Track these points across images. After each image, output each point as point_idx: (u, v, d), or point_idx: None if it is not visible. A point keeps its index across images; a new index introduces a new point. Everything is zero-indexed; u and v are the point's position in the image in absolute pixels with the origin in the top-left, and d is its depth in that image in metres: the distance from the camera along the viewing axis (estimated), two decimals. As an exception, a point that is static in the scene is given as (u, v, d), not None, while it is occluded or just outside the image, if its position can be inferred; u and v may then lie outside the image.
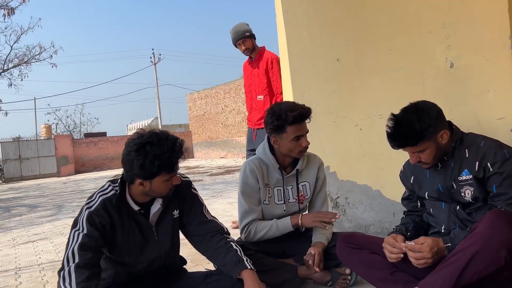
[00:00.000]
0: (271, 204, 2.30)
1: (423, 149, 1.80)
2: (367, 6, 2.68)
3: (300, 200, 2.33)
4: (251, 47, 4.00)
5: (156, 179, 1.80)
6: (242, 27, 3.98)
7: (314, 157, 2.38)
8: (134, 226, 1.91)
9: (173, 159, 1.78)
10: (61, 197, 10.34)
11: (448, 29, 2.23)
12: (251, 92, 4.13)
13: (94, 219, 1.81)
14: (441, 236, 1.83)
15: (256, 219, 2.26)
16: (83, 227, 1.80)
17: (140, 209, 1.91)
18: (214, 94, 24.39)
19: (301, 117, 2.13)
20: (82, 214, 1.84)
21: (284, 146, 2.18)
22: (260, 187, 2.27)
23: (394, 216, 2.60)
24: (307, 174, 2.33)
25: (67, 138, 23.98)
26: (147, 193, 1.86)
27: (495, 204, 1.72)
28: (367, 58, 2.72)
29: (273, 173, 2.28)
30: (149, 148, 1.74)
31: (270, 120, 2.15)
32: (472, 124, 2.10)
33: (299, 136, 2.15)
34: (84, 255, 1.74)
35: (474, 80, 2.14)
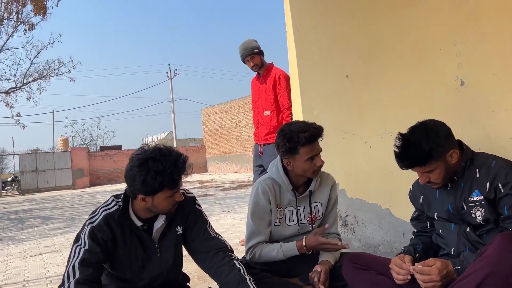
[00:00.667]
0: (282, 225, 2.25)
1: (432, 169, 1.75)
2: (377, 23, 2.67)
3: (312, 221, 2.28)
4: (259, 64, 4.03)
5: (158, 195, 1.79)
6: (251, 44, 4.01)
7: (327, 176, 2.33)
8: (137, 242, 1.89)
9: (175, 175, 1.76)
10: (75, 209, 10.43)
11: (458, 47, 2.20)
12: (258, 108, 4.14)
13: (96, 234, 1.80)
14: (450, 258, 1.78)
15: (262, 242, 2.21)
16: (85, 242, 1.79)
17: (143, 224, 1.89)
18: (229, 109, 24.54)
19: (313, 138, 2.08)
20: (84, 229, 1.83)
21: (298, 167, 2.12)
22: (272, 208, 2.22)
23: (404, 236, 2.54)
24: (320, 195, 2.28)
25: (83, 150, 24.32)
26: (150, 209, 1.85)
27: (506, 226, 1.66)
28: (377, 74, 2.69)
29: (286, 194, 2.23)
30: (152, 164, 1.73)
31: (281, 143, 2.09)
32: (483, 143, 2.05)
33: (313, 156, 2.09)
34: (85, 271, 1.73)
35: (485, 98, 2.10)
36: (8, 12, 14.87)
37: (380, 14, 2.64)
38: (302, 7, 3.35)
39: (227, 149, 24.86)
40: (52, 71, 20.55)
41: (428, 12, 2.34)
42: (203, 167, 26.89)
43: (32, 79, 19.94)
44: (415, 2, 2.41)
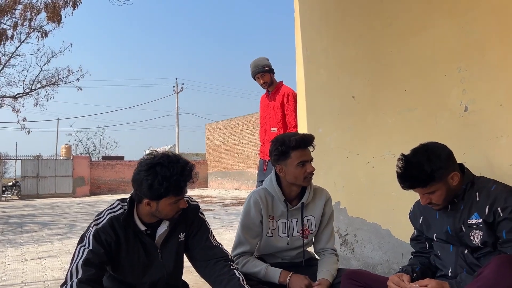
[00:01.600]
0: (274, 236, 2.27)
1: (433, 190, 1.79)
2: (385, 47, 2.74)
3: (304, 234, 2.29)
4: (269, 81, 4.12)
5: (163, 201, 1.82)
6: (262, 62, 4.11)
7: (321, 190, 2.35)
8: (139, 246, 1.92)
9: (181, 182, 1.80)
10: (74, 217, 10.43)
11: (463, 73, 2.26)
12: (266, 124, 4.21)
13: (101, 236, 1.83)
14: (447, 279, 1.80)
15: (247, 252, 2.24)
16: (89, 243, 1.82)
17: (147, 229, 1.92)
18: (233, 126, 24.64)
19: (304, 142, 2.15)
20: (89, 230, 1.86)
21: (290, 173, 2.16)
22: (264, 219, 2.24)
23: (403, 257, 2.56)
24: (313, 208, 2.30)
25: (85, 159, 24.38)
26: (154, 214, 1.88)
27: (504, 250, 1.69)
28: (383, 97, 2.75)
29: (278, 205, 2.25)
30: (159, 169, 1.77)
31: (274, 148, 2.17)
32: (484, 168, 2.08)
33: (303, 161, 2.14)
34: (87, 271, 1.75)
35: (487, 124, 2.14)
36: (23, 19, 15.11)
37: (389, 40, 2.71)
38: (313, 29, 3.44)
39: (228, 165, 24.87)
40: (60, 79, 20.75)
41: (435, 40, 2.41)
42: (204, 182, 26.86)
43: (41, 86, 20.12)
44: (423, 30, 2.48)
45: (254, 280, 2.14)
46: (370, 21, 2.86)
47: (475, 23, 2.20)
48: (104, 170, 24.41)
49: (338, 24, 3.16)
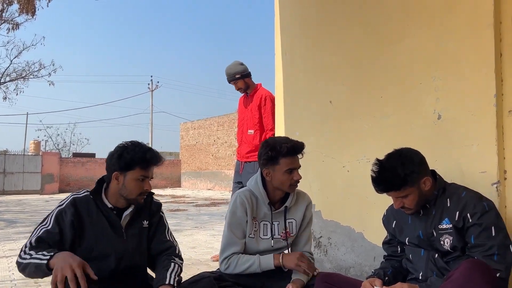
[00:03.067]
0: (256, 238, 2.28)
1: (406, 194, 1.85)
2: (363, 55, 2.80)
3: (286, 237, 2.31)
4: (243, 87, 4.15)
5: (129, 173, 1.98)
6: (234, 69, 4.12)
7: (303, 195, 2.39)
8: (105, 222, 2.02)
9: (147, 155, 1.99)
10: (42, 214, 10.14)
11: (437, 82, 2.33)
12: (243, 126, 4.23)
13: (62, 215, 1.95)
14: (418, 282, 1.85)
15: (238, 252, 2.24)
16: (49, 223, 1.93)
17: (113, 208, 2.04)
18: (208, 126, 24.53)
19: (295, 150, 2.17)
20: (52, 212, 1.97)
21: (277, 178, 2.18)
22: (248, 220, 2.26)
23: (375, 260, 2.61)
24: (295, 212, 2.33)
25: (54, 156, 23.74)
26: (121, 191, 2.01)
27: (472, 255, 1.75)
28: (359, 103, 2.80)
29: (262, 207, 2.27)
30: (129, 145, 2.02)
31: (264, 151, 2.18)
32: (455, 175, 2.16)
33: (292, 169, 2.16)
34: (35, 247, 1.84)
35: (460, 133, 2.22)
36: (-7, 9, 14.65)
37: (367, 47, 2.77)
38: (292, 33, 3.47)
39: (203, 166, 24.74)
40: (31, 73, 20.22)
41: (412, 49, 2.48)
42: (177, 182, 26.62)
43: (10, 79, 19.55)
44: (401, 39, 2.55)
45: (230, 281, 2.15)
46: (349, 28, 2.92)
47: (450, 34, 2.28)
48: (74, 167, 23.84)
49: (318, 30, 3.20)
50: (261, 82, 4.23)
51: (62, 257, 1.73)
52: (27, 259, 1.79)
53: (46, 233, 1.89)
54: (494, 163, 2.07)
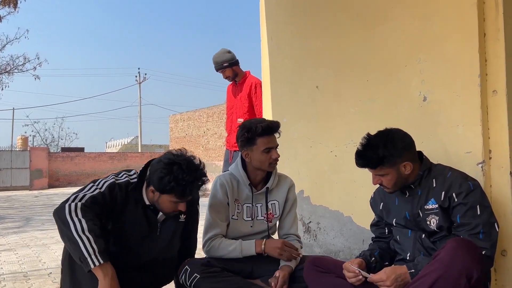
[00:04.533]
0: (239, 219, 2.31)
1: (383, 173, 1.88)
2: (349, 38, 2.78)
3: (268, 218, 2.34)
4: (231, 75, 4.09)
5: (165, 196, 1.94)
6: (221, 58, 4.05)
7: (285, 178, 2.42)
8: (143, 217, 2.02)
9: (187, 190, 1.91)
10: (31, 210, 10.07)
11: (422, 64, 2.33)
12: (232, 115, 4.19)
13: (115, 188, 1.94)
14: (406, 263, 1.87)
15: (219, 234, 2.27)
16: (102, 187, 1.93)
17: (150, 205, 2.04)
18: (197, 117, 24.42)
19: (270, 129, 2.21)
20: (107, 177, 1.98)
21: (255, 159, 2.22)
22: (229, 202, 2.29)
23: (364, 243, 2.63)
24: (277, 193, 2.37)
25: (43, 151, 23.47)
26: (154, 203, 2.00)
27: (458, 234, 1.77)
28: (346, 87, 2.80)
29: (243, 189, 2.31)
30: (176, 169, 1.88)
31: (240, 134, 2.23)
32: (441, 156, 2.17)
33: (269, 148, 2.20)
34: (92, 206, 1.86)
35: (445, 114, 2.22)
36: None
37: (353, 31, 2.75)
38: (278, 19, 3.44)
39: (193, 158, 24.67)
40: (16, 67, 19.86)
41: (397, 31, 2.47)
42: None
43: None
44: (385, 22, 2.53)
45: (218, 267, 2.15)
46: (335, 12, 2.90)
47: (435, 16, 2.27)
48: (63, 162, 23.61)
49: (303, 15, 3.18)
50: (249, 70, 4.19)
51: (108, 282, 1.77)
52: (75, 224, 1.78)
53: (100, 196, 1.89)
54: (479, 143, 2.09)
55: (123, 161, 25.34)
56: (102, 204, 1.90)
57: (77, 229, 1.77)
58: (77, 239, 1.76)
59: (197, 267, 2.09)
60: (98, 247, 1.78)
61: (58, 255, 4.32)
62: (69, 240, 1.79)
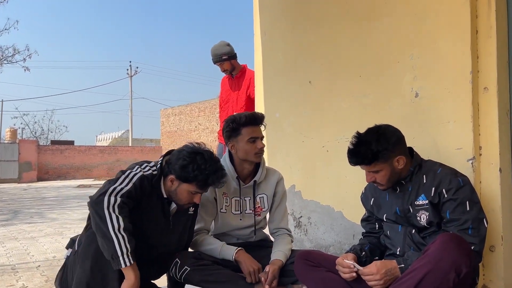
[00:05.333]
0: (227, 213, 2.32)
1: (377, 170, 1.88)
2: (342, 34, 2.78)
3: (256, 212, 2.35)
4: (230, 69, 4.04)
5: (185, 185, 1.98)
6: (221, 50, 4.00)
7: (274, 171, 2.43)
8: (160, 210, 2.05)
9: (209, 179, 1.96)
10: (19, 203, 9.97)
11: (415, 61, 2.34)
12: (228, 108, 4.14)
13: (144, 182, 1.95)
14: (396, 258, 1.88)
15: (203, 229, 2.30)
16: (133, 179, 1.93)
17: (166, 198, 2.07)
18: (189, 112, 24.34)
19: (254, 119, 2.24)
20: (134, 170, 1.98)
21: (241, 149, 2.24)
22: (217, 196, 2.30)
23: (354, 238, 2.64)
24: (265, 187, 2.37)
25: (32, 143, 23.27)
26: (171, 193, 2.03)
27: (448, 229, 1.78)
28: (339, 82, 2.80)
29: (231, 182, 2.31)
30: (199, 158, 1.95)
31: (226, 125, 2.26)
32: (432, 152, 2.18)
33: (254, 138, 2.22)
34: (127, 201, 1.87)
35: (436, 110, 2.24)
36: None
37: (346, 26, 2.75)
38: (271, 13, 3.43)
39: (184, 152, 24.60)
40: (5, 58, 19.60)
41: (390, 27, 2.47)
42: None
43: (-17, 65, 18.93)
44: (378, 18, 2.53)
45: (209, 260, 2.15)
46: (328, 7, 2.89)
47: (428, 12, 2.28)
48: (52, 155, 23.43)
49: (297, 9, 3.17)
50: (246, 64, 4.15)
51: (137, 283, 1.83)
52: (113, 221, 1.79)
53: (133, 189, 1.90)
54: (469, 139, 2.10)
55: (113, 155, 25.19)
56: (134, 198, 1.91)
57: (114, 226, 1.79)
58: (112, 237, 1.78)
59: (187, 260, 2.09)
60: (130, 247, 1.80)
61: (46, 248, 4.29)
62: (103, 236, 1.79)
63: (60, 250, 4.09)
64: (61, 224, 6.11)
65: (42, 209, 8.18)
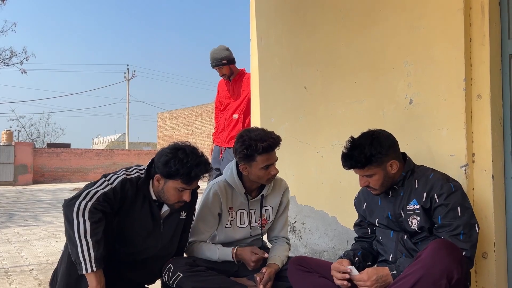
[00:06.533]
0: (233, 227, 2.29)
1: (371, 174, 1.89)
2: (337, 40, 2.80)
3: (262, 224, 2.34)
4: (228, 73, 4.02)
5: (170, 182, 1.95)
6: (220, 54, 3.99)
7: (280, 181, 2.40)
8: (148, 212, 2.03)
9: (192, 172, 1.92)
10: (14, 205, 9.91)
11: (409, 67, 2.35)
12: (227, 111, 4.11)
13: (126, 184, 1.94)
14: (388, 264, 1.89)
15: (197, 241, 2.28)
16: (114, 182, 1.92)
17: (156, 200, 2.05)
18: (186, 116, 24.33)
19: (271, 147, 2.13)
20: (118, 172, 1.99)
21: (253, 174, 2.16)
22: (223, 211, 2.27)
23: (348, 243, 2.64)
24: (272, 199, 2.35)
25: (28, 146, 23.14)
26: (159, 193, 2.01)
27: (439, 235, 1.79)
28: (333, 88, 2.81)
29: (238, 197, 2.28)
30: (180, 153, 1.93)
31: (240, 149, 2.12)
32: (426, 159, 2.19)
33: (268, 165, 2.15)
34: (102, 204, 1.85)
35: (430, 117, 2.25)
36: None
37: (341, 32, 2.77)
38: (268, 18, 3.44)
39: (180, 156, 24.56)
40: (2, 61, 19.52)
41: (385, 34, 2.49)
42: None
43: (-20, 67, 18.86)
44: (373, 24, 2.55)
45: (203, 266, 2.14)
46: (323, 13, 2.91)
47: (422, 19, 2.29)
48: (48, 157, 23.31)
49: (293, 15, 3.19)
50: (245, 67, 4.13)
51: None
52: (79, 225, 1.78)
53: (111, 192, 1.89)
54: (463, 146, 2.11)
55: (109, 158, 25.11)
56: (113, 201, 1.90)
57: (80, 231, 1.78)
58: (77, 241, 1.78)
59: (180, 266, 2.08)
60: (95, 254, 1.79)
61: (40, 251, 4.27)
62: (69, 239, 1.81)
63: (54, 254, 4.07)
64: (55, 227, 6.08)
65: (37, 212, 8.14)
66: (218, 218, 2.28)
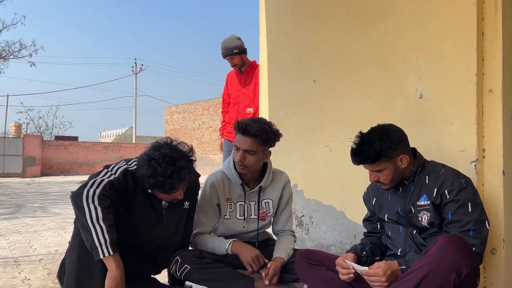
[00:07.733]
0: (232, 219, 2.30)
1: (381, 169, 1.87)
2: (347, 34, 2.78)
3: (261, 217, 2.32)
4: (239, 64, 3.96)
5: (154, 191, 1.96)
6: (232, 43, 3.93)
7: (280, 174, 2.38)
8: (149, 205, 2.03)
9: (166, 185, 1.87)
10: (23, 197, 10.01)
11: (420, 62, 2.33)
12: (239, 104, 4.06)
13: (128, 175, 1.94)
14: (397, 258, 1.88)
15: (201, 233, 2.29)
16: (116, 172, 1.93)
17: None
18: (193, 110, 24.36)
19: (239, 128, 2.12)
20: (119, 164, 2.00)
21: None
22: (221, 202, 2.28)
23: (355, 238, 2.64)
24: (271, 192, 2.34)
25: (36, 138, 23.32)
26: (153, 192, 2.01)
27: (449, 231, 1.78)
28: (343, 82, 2.80)
29: (235, 188, 2.28)
30: (153, 163, 1.86)
31: None
32: (436, 154, 2.17)
33: (236, 147, 2.16)
34: (109, 192, 1.86)
35: (441, 112, 2.23)
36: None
37: (351, 26, 2.75)
38: (277, 12, 3.43)
39: (187, 150, 24.61)
40: (11, 53, 19.67)
41: (395, 28, 2.47)
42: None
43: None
44: (384, 18, 2.53)
45: (211, 258, 2.16)
46: (333, 6, 2.89)
47: (433, 14, 2.27)
48: (56, 150, 23.49)
49: (302, 9, 3.17)
50: (255, 59, 4.05)
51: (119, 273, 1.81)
52: (91, 212, 1.79)
53: (116, 181, 1.89)
54: (473, 141, 2.10)
55: (117, 152, 25.25)
56: (118, 189, 1.91)
57: (92, 217, 1.79)
58: (90, 227, 1.78)
59: (188, 258, 2.10)
60: (110, 237, 1.80)
61: (49, 242, 4.31)
62: (82, 227, 1.81)
63: (62, 244, 4.11)
64: (64, 218, 6.14)
65: (45, 204, 8.22)
66: (218, 209, 2.30)
